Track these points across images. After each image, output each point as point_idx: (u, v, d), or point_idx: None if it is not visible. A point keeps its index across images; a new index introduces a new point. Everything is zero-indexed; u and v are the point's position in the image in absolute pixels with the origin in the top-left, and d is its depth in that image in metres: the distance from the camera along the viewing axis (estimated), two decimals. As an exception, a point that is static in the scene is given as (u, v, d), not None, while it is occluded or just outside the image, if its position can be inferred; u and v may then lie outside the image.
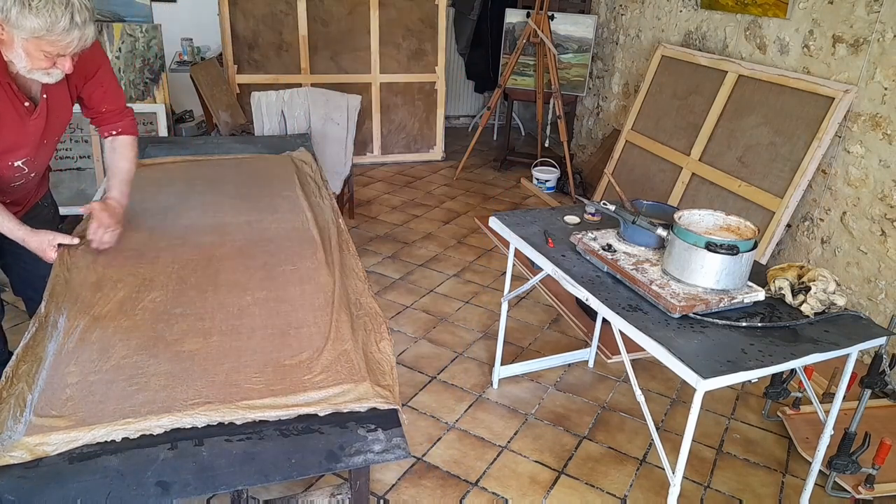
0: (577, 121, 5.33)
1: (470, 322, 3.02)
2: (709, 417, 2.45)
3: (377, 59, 4.90)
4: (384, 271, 3.44)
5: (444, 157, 5.34)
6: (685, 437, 1.53)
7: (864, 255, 2.76)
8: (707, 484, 2.14)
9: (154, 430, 1.16)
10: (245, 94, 4.41)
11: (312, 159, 2.72)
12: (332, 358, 1.39)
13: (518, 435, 2.31)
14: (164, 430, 1.17)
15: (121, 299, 1.55)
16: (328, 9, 4.69)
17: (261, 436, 1.18)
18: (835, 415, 1.82)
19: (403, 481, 2.07)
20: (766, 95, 3.14)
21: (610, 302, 1.73)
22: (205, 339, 1.43)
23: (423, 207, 4.39)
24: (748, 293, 1.68)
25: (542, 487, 2.09)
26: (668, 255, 1.72)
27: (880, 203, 2.68)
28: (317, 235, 1.95)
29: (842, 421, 2.08)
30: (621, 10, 4.62)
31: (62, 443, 1.12)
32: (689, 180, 3.47)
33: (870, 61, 2.72)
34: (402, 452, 1.19)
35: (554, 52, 4.58)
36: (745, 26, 3.43)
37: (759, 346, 1.54)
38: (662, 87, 3.86)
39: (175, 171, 2.50)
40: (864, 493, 2.02)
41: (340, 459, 1.16)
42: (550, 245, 2.04)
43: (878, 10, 2.66)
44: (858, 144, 2.78)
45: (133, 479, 1.08)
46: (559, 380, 2.63)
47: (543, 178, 4.72)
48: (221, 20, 4.49)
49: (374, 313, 1.60)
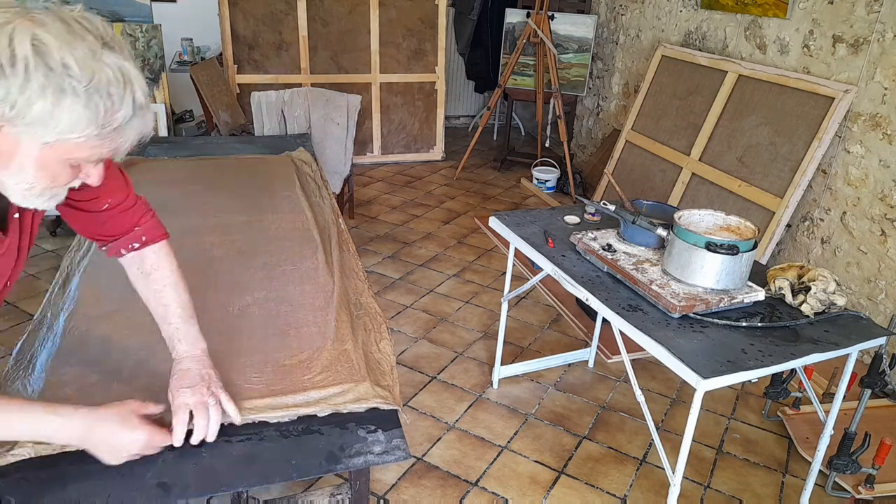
0: (577, 121, 5.33)
1: (470, 322, 3.02)
2: (709, 417, 2.45)
3: (377, 59, 4.90)
4: (384, 271, 3.44)
5: (444, 157, 5.34)
6: (685, 437, 1.53)
7: (864, 255, 2.76)
8: (707, 484, 2.14)
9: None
10: (245, 94, 4.41)
11: (312, 159, 2.72)
12: (332, 358, 1.39)
13: (518, 435, 2.31)
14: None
15: (120, 299, 1.55)
16: (328, 9, 4.68)
17: (261, 437, 1.18)
18: (835, 415, 1.82)
19: (403, 481, 2.07)
20: (766, 95, 3.14)
21: (610, 302, 1.73)
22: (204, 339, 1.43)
23: (423, 207, 4.39)
24: (748, 293, 1.68)
25: (542, 487, 2.09)
26: (668, 255, 1.72)
27: (880, 203, 2.68)
28: (317, 235, 1.95)
29: (842, 421, 2.08)
30: (621, 10, 4.62)
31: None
32: (689, 180, 3.47)
33: (870, 61, 2.72)
34: (401, 454, 1.19)
35: (554, 51, 4.58)
36: (745, 26, 3.43)
37: (759, 346, 1.54)
38: (662, 87, 3.86)
39: (175, 171, 2.50)
40: (864, 493, 2.02)
41: (340, 461, 1.16)
42: (550, 245, 2.04)
43: (878, 10, 2.66)
44: (858, 144, 2.78)
45: (133, 480, 1.08)
46: (559, 380, 2.63)
47: (543, 178, 4.71)
48: (221, 20, 4.49)
49: (374, 313, 1.60)
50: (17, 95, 0.80)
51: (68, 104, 0.82)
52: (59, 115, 0.82)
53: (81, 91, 0.82)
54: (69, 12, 0.85)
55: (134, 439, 1.06)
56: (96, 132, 0.86)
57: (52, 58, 0.81)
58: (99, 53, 0.84)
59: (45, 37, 0.81)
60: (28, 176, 0.89)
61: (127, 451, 1.06)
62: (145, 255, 1.25)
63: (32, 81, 0.80)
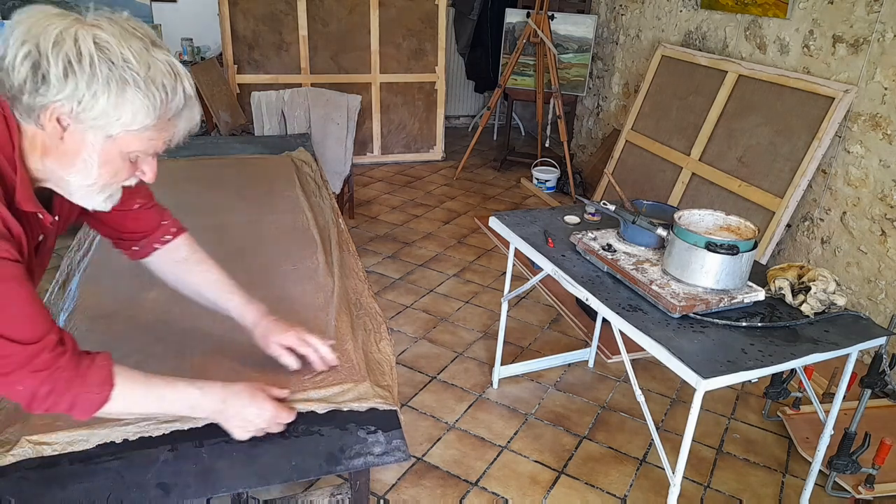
0: (577, 121, 5.33)
1: (470, 322, 3.02)
2: (709, 417, 2.45)
3: (377, 58, 4.90)
4: (384, 271, 3.44)
5: (444, 157, 5.34)
6: (685, 437, 1.53)
7: (864, 255, 2.76)
8: (707, 484, 2.14)
9: (153, 431, 1.16)
10: (245, 94, 4.41)
11: (312, 159, 2.72)
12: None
13: (518, 435, 2.31)
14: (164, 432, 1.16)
15: (120, 299, 1.55)
16: (328, 8, 4.68)
17: (261, 438, 1.18)
18: (835, 415, 1.82)
19: (403, 481, 2.07)
20: (766, 95, 3.14)
21: (610, 302, 1.73)
22: (204, 339, 1.43)
23: (423, 207, 4.39)
24: (748, 293, 1.68)
25: (542, 487, 2.09)
26: (669, 255, 1.72)
27: (880, 203, 2.68)
28: (317, 235, 1.95)
29: (842, 421, 2.07)
30: (621, 10, 4.62)
31: (62, 443, 1.12)
32: (689, 180, 3.47)
33: (870, 61, 2.71)
34: (401, 455, 1.19)
35: (554, 51, 4.58)
36: (745, 26, 3.43)
37: (759, 346, 1.54)
38: (662, 87, 3.86)
39: (175, 171, 2.50)
40: (864, 493, 2.02)
41: (340, 462, 1.16)
42: (550, 245, 2.04)
43: (878, 10, 2.66)
44: (858, 144, 2.78)
45: (133, 480, 1.08)
46: (559, 380, 2.63)
47: (543, 178, 4.71)
48: (221, 20, 4.49)
49: (374, 313, 1.60)
50: (84, 90, 0.87)
51: (130, 95, 0.90)
52: (123, 106, 0.90)
53: (141, 82, 0.90)
54: (119, 17, 0.93)
55: (261, 414, 1.13)
56: (153, 122, 0.93)
57: (113, 53, 0.88)
58: (150, 49, 0.93)
59: (105, 36, 0.89)
60: (92, 172, 0.95)
61: (254, 426, 1.13)
62: (177, 245, 1.33)
63: (98, 76, 0.87)
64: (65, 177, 0.96)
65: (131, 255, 1.32)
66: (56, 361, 0.94)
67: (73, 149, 0.93)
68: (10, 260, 0.90)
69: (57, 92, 0.87)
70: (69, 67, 0.86)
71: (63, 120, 0.90)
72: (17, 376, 0.92)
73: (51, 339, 0.94)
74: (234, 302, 1.32)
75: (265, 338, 1.30)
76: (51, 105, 0.88)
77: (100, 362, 1.00)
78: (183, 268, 1.32)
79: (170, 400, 1.08)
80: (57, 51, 0.86)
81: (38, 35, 0.86)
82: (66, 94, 0.87)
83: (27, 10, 0.90)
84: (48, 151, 0.94)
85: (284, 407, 1.18)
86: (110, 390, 1.00)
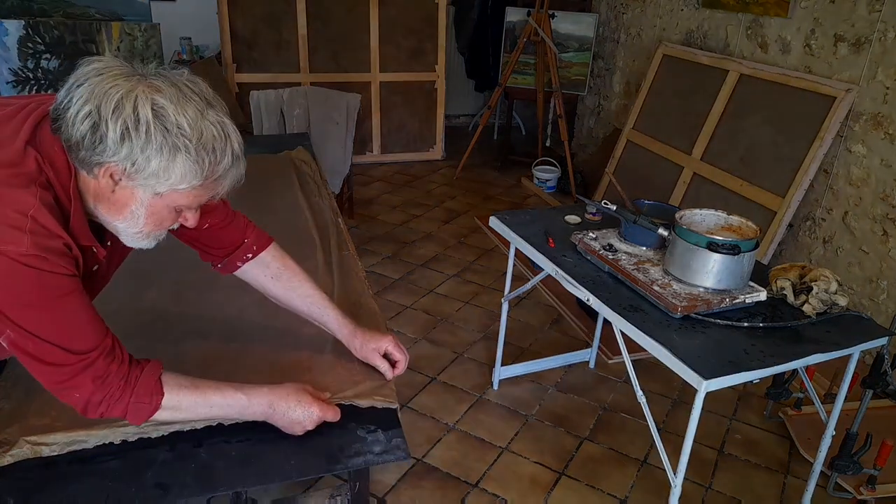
0: (578, 120, 5.33)
1: (470, 322, 3.01)
2: (710, 418, 2.44)
3: (377, 57, 4.89)
4: (384, 271, 3.44)
5: (444, 157, 5.33)
6: (686, 438, 1.53)
7: (865, 255, 2.75)
8: (708, 485, 2.13)
9: (152, 432, 1.15)
10: (244, 94, 4.40)
11: (312, 159, 2.71)
12: (332, 358, 1.38)
13: (518, 436, 2.30)
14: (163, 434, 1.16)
15: (119, 300, 1.55)
16: (328, 7, 4.68)
17: (260, 437, 1.17)
18: (836, 415, 1.81)
19: (403, 483, 2.06)
20: (767, 95, 3.13)
21: (611, 302, 1.72)
22: (204, 339, 1.43)
23: (423, 207, 4.38)
24: (750, 293, 1.67)
25: (542, 489, 2.08)
26: (670, 255, 1.72)
27: (882, 203, 2.67)
28: (316, 235, 1.95)
29: (843, 422, 2.07)
30: (622, 9, 4.61)
31: (61, 444, 1.11)
32: (691, 180, 3.46)
33: (871, 60, 2.71)
34: (401, 454, 1.18)
35: (554, 50, 4.57)
36: (747, 25, 3.42)
37: (761, 347, 1.54)
38: (664, 86, 3.85)
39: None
40: (866, 494, 2.01)
41: (340, 461, 1.16)
42: (551, 245, 2.04)
43: (880, 9, 2.66)
44: (860, 144, 2.77)
45: (132, 480, 1.07)
46: (560, 380, 2.62)
47: (544, 178, 4.71)
48: (220, 19, 4.48)
49: (374, 313, 1.59)
50: (138, 154, 0.92)
51: (181, 160, 0.94)
52: (172, 169, 0.94)
53: (192, 148, 0.94)
54: (179, 77, 0.97)
55: (307, 415, 1.17)
56: (200, 182, 0.98)
57: (168, 120, 0.92)
58: (205, 112, 0.96)
59: (163, 101, 0.92)
60: (139, 222, 1.01)
61: (301, 426, 1.17)
62: (266, 260, 1.35)
63: (152, 142, 0.91)
64: (112, 222, 1.01)
65: (218, 271, 1.36)
66: (108, 369, 0.99)
67: (123, 201, 0.98)
68: (67, 275, 0.94)
69: (113, 154, 0.91)
70: (126, 133, 0.90)
71: (115, 176, 0.95)
72: (74, 383, 0.97)
73: (105, 347, 0.99)
74: (330, 317, 1.37)
75: (365, 346, 1.36)
76: (106, 163, 0.93)
77: (149, 371, 1.04)
78: (274, 284, 1.36)
79: (219, 406, 1.12)
80: (116, 116, 0.89)
81: (100, 97, 0.90)
82: (121, 157, 0.91)
83: (94, 65, 0.93)
84: (99, 199, 0.99)
85: (330, 406, 1.21)
86: (160, 399, 1.04)
